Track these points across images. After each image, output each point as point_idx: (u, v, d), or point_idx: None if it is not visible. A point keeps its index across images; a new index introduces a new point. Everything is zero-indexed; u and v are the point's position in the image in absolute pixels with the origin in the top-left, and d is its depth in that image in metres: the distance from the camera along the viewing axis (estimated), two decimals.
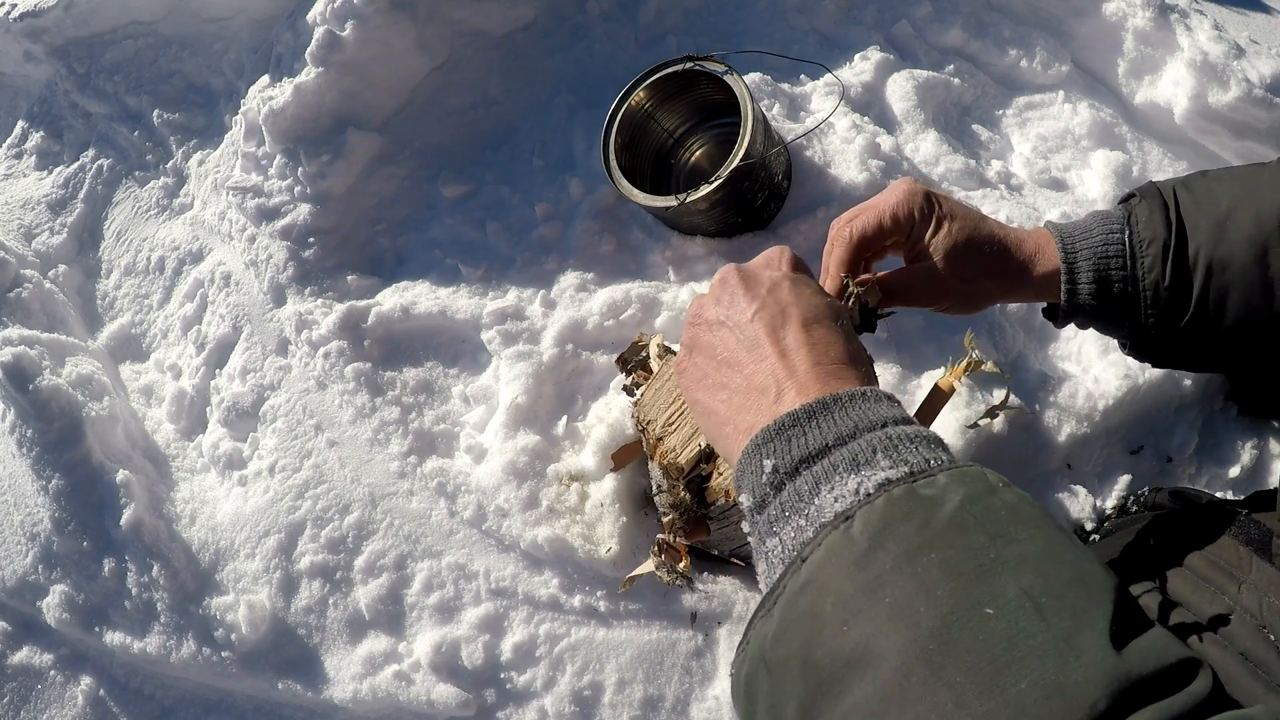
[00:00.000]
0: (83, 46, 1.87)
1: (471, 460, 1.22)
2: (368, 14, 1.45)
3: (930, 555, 0.38)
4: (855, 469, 0.44)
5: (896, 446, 0.44)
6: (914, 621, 0.36)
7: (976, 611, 0.36)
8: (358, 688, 1.13)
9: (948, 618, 0.36)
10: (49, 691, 1.28)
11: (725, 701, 1.05)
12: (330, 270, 1.43)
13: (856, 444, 0.45)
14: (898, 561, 0.38)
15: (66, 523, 1.25)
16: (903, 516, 0.40)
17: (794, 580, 0.42)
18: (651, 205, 1.22)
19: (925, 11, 1.53)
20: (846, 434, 0.46)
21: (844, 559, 0.40)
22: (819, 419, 0.47)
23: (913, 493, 0.41)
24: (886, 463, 0.44)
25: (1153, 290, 0.73)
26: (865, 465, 0.44)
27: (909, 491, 0.41)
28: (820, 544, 0.41)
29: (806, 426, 0.47)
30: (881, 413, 0.47)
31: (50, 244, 1.74)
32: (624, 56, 1.57)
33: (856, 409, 0.47)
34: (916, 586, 0.37)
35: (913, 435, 0.46)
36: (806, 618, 0.40)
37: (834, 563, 0.40)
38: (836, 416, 0.47)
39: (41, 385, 1.28)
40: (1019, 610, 0.36)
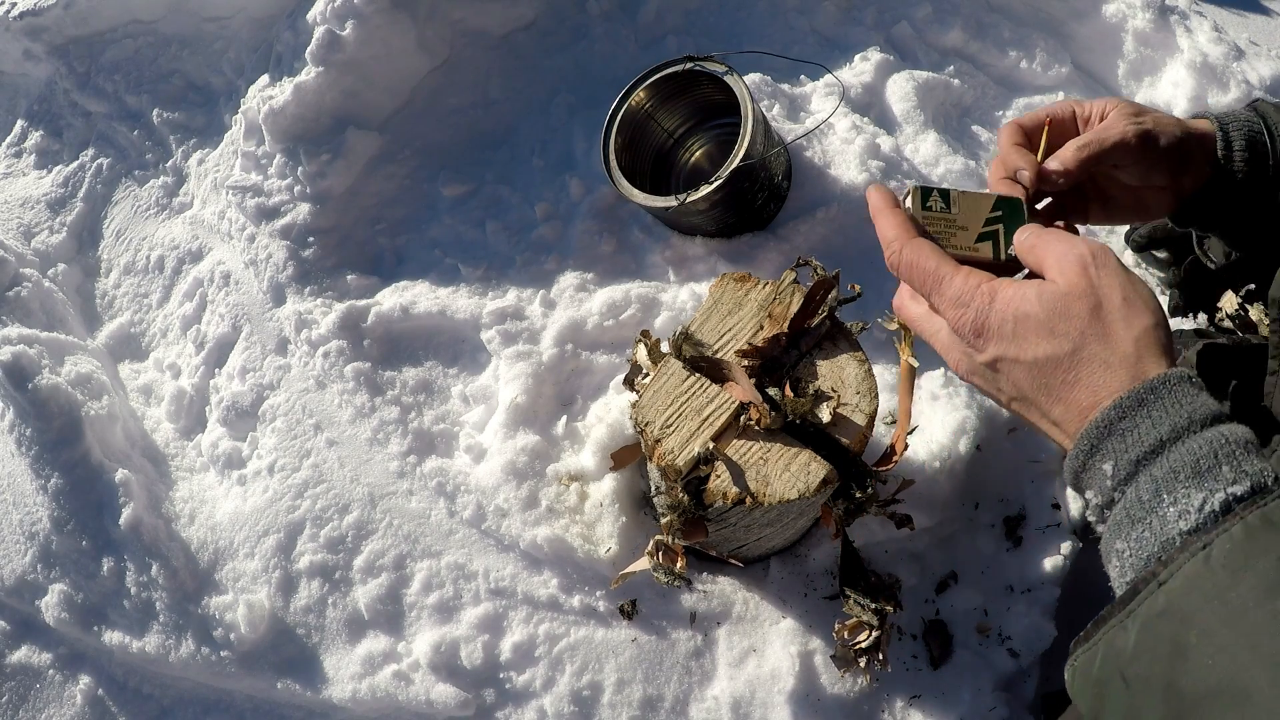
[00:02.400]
0: (82, 45, 1.87)
1: (471, 460, 1.22)
2: (368, 13, 1.45)
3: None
4: (1199, 479, 0.43)
5: (1234, 454, 0.44)
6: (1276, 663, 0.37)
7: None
8: (357, 687, 1.13)
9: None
10: (48, 691, 1.28)
11: (724, 701, 1.05)
12: (330, 270, 1.43)
13: (1194, 444, 0.44)
14: (1260, 598, 0.39)
15: (65, 522, 1.25)
16: (1261, 550, 0.40)
17: (1151, 603, 0.42)
18: (651, 205, 1.22)
19: (925, 12, 1.53)
20: (1181, 426, 0.45)
21: (1205, 591, 0.41)
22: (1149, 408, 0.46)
23: (1268, 521, 0.41)
24: (1230, 474, 0.43)
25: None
26: (1208, 475, 0.43)
27: (1265, 521, 0.41)
28: (1178, 571, 0.42)
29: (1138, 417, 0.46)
30: (1208, 404, 0.46)
31: (50, 243, 1.74)
32: (624, 56, 1.57)
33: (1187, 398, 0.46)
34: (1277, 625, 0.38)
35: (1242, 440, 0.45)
36: (1169, 644, 0.41)
37: (1195, 594, 0.41)
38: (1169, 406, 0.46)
39: (41, 384, 1.28)
40: None
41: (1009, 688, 1.07)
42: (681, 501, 0.82)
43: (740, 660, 1.07)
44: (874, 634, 0.92)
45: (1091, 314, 0.51)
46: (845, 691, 1.04)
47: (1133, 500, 0.45)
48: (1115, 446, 0.47)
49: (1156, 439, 0.46)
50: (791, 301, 0.88)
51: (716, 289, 0.92)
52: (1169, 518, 0.43)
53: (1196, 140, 0.75)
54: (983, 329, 0.53)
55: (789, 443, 0.82)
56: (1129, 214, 0.79)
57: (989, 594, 1.10)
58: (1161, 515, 0.44)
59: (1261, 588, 0.39)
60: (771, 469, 0.81)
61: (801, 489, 0.79)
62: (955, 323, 0.55)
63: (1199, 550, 0.41)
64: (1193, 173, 0.76)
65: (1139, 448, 0.46)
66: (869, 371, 0.85)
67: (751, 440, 0.83)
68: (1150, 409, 0.47)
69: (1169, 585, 0.42)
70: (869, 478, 0.83)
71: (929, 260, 0.56)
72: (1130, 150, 0.71)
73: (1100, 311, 0.51)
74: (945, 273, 0.56)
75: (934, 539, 1.13)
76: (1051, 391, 0.51)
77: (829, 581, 1.11)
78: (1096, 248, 0.53)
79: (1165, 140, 0.72)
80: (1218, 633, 0.39)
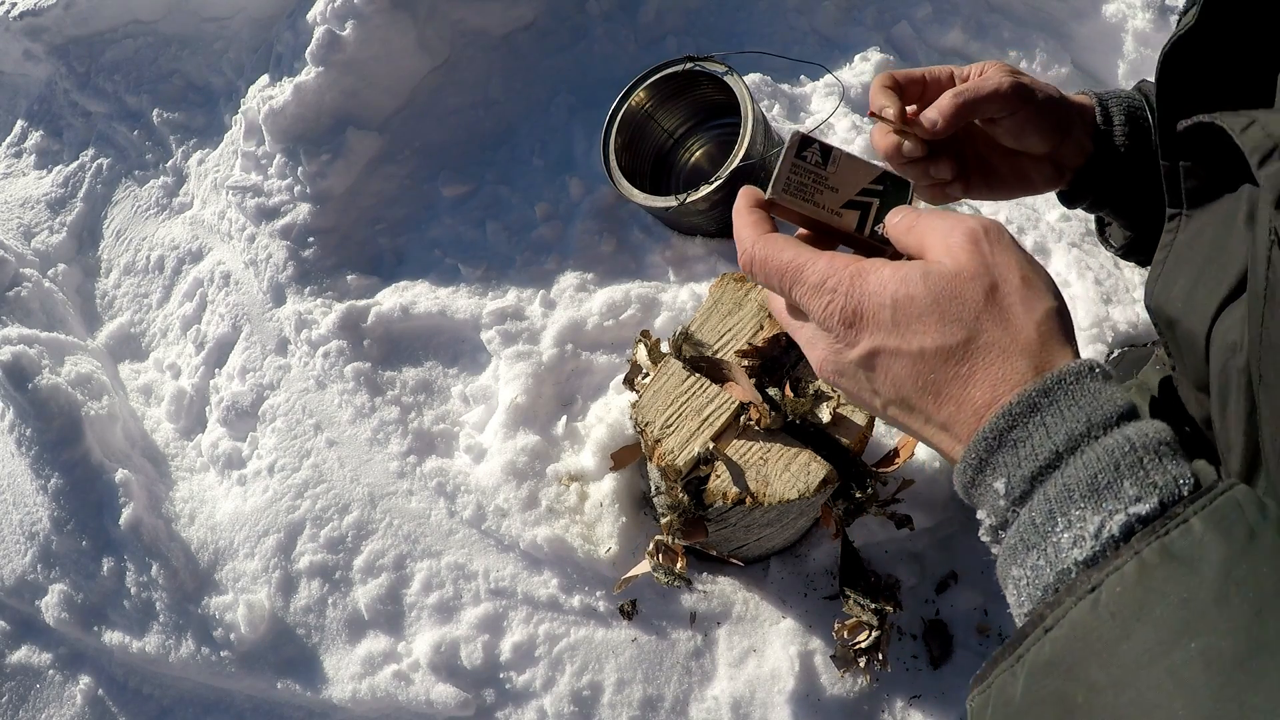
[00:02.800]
0: (83, 45, 1.87)
1: (471, 460, 1.22)
2: (368, 13, 1.45)
3: (1189, 645, 0.33)
4: (1096, 499, 0.37)
5: (1140, 463, 0.37)
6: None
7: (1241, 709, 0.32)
8: (357, 687, 1.13)
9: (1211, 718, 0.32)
10: (48, 691, 1.28)
11: (724, 701, 1.05)
12: (330, 270, 1.43)
13: (1093, 454, 0.38)
14: (1153, 654, 0.34)
15: (65, 522, 1.25)
16: (1158, 591, 0.35)
17: (1038, 651, 0.37)
18: (651, 205, 1.22)
19: (925, 12, 1.53)
20: (1079, 434, 0.38)
21: (1093, 643, 0.35)
22: (1043, 413, 0.39)
23: (1167, 553, 0.35)
24: (1133, 490, 0.37)
25: None
26: (1107, 493, 0.37)
27: (1162, 553, 0.35)
28: (1065, 617, 0.36)
29: (1030, 425, 0.39)
30: (1113, 401, 0.39)
31: (50, 243, 1.74)
32: (624, 56, 1.58)
33: (1086, 397, 0.39)
34: (1175, 684, 0.33)
35: (1155, 439, 0.38)
36: (1055, 702, 0.36)
37: (1081, 646, 0.36)
38: (1065, 410, 0.39)
39: (41, 384, 1.28)
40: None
41: None
42: (681, 501, 0.82)
43: (740, 660, 1.07)
44: (874, 634, 0.92)
45: (987, 296, 0.43)
46: (845, 691, 1.04)
47: (1026, 523, 0.39)
48: (1007, 460, 0.40)
49: (1051, 451, 0.39)
50: None
51: (716, 289, 0.92)
52: (1063, 545, 0.37)
53: (1076, 109, 0.72)
54: (855, 316, 0.44)
55: (789, 443, 0.82)
56: (1011, 186, 0.76)
57: (989, 594, 1.10)
58: (1055, 543, 0.38)
59: (1156, 642, 0.34)
60: (771, 469, 0.81)
61: (801, 489, 0.79)
62: (822, 313, 0.45)
63: (1086, 593, 0.36)
64: (1073, 143, 0.73)
65: (1032, 462, 0.39)
66: None
67: (751, 440, 0.83)
68: (1044, 414, 0.39)
69: (1054, 634, 0.36)
70: (869, 478, 0.83)
71: (784, 251, 0.47)
72: (1006, 100, 0.68)
73: (997, 293, 0.43)
74: (804, 259, 0.46)
75: (934, 539, 1.13)
76: (940, 390, 0.43)
77: (829, 581, 1.11)
78: (988, 223, 0.45)
79: (1041, 96, 0.70)
80: (1105, 694, 0.34)
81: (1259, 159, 0.41)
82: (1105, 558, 0.36)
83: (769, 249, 0.48)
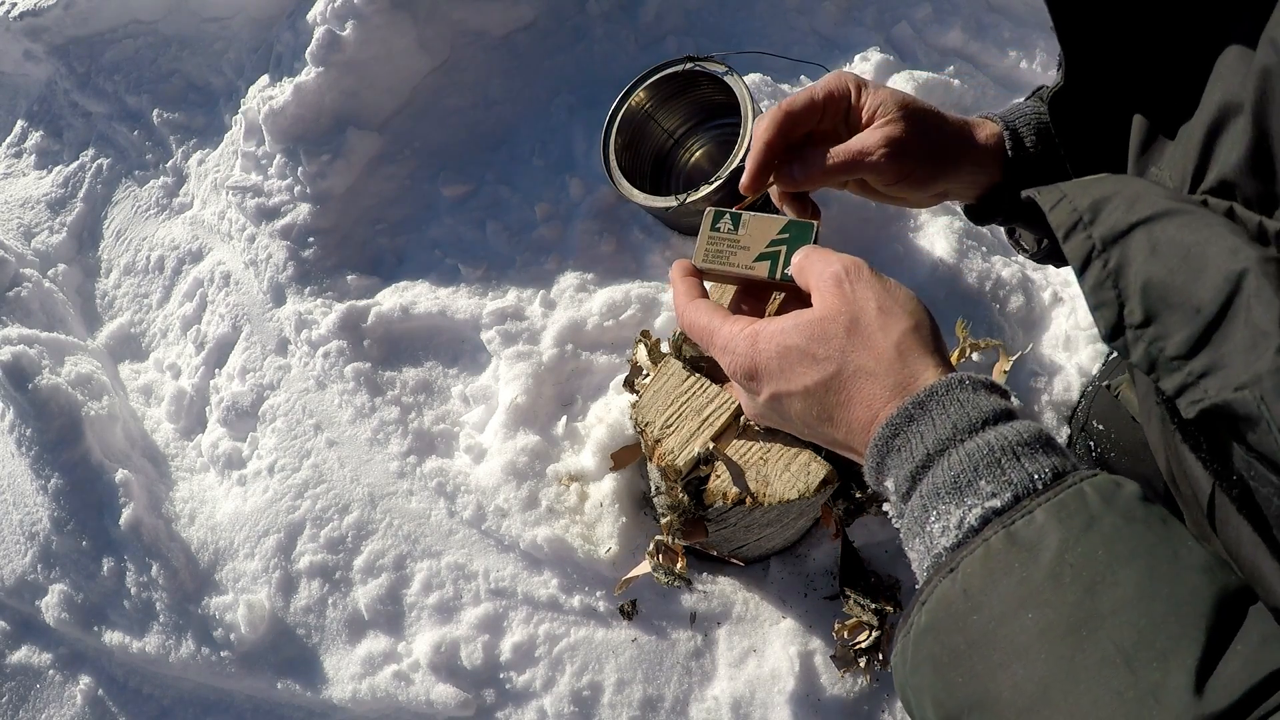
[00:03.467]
0: (83, 46, 1.87)
1: (471, 460, 1.22)
2: (368, 14, 1.45)
3: (1026, 615, 0.39)
4: (958, 495, 0.44)
5: (999, 461, 0.44)
6: (1014, 684, 0.39)
7: (1070, 674, 0.37)
8: (357, 687, 1.13)
9: (1044, 680, 0.38)
10: (48, 691, 1.28)
11: (724, 701, 1.05)
12: (330, 270, 1.43)
13: (957, 456, 0.44)
14: (997, 622, 0.40)
15: (65, 522, 1.25)
16: (1002, 570, 0.41)
17: (918, 619, 0.43)
18: (651, 205, 1.22)
19: (925, 13, 1.53)
20: (946, 438, 0.45)
21: (952, 613, 0.42)
22: (918, 422, 0.46)
23: (1011, 540, 0.41)
24: (988, 487, 0.43)
25: None
26: (968, 490, 0.43)
27: (1007, 540, 0.41)
28: (933, 593, 0.43)
29: (909, 432, 0.46)
30: (980, 408, 0.46)
31: (50, 243, 1.74)
32: (624, 57, 1.58)
33: (955, 405, 0.46)
34: (1014, 650, 0.39)
35: (1014, 441, 0.44)
36: (929, 662, 0.42)
37: (944, 615, 0.42)
38: (936, 418, 0.46)
39: (41, 384, 1.28)
40: (1110, 668, 0.37)
41: None
42: (681, 501, 0.82)
43: (740, 660, 1.08)
44: (874, 634, 0.92)
45: (848, 331, 0.51)
46: (845, 691, 1.04)
47: (910, 515, 0.46)
48: (893, 463, 0.47)
49: (924, 454, 0.46)
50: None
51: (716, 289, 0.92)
52: (934, 533, 0.44)
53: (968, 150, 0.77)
54: (753, 371, 0.53)
55: (789, 443, 0.82)
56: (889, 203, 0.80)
57: None
58: (929, 531, 0.44)
59: (999, 613, 0.40)
60: (771, 469, 0.81)
61: (801, 489, 0.79)
62: (730, 369, 0.55)
63: (948, 573, 0.42)
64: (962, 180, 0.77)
65: (909, 464, 0.46)
66: None
67: (751, 440, 0.83)
68: (919, 423, 0.46)
69: (926, 606, 0.43)
70: None
71: (701, 316, 0.58)
72: (879, 170, 0.71)
73: (857, 326, 0.51)
74: (715, 325, 0.56)
75: None
76: (831, 415, 0.51)
77: (829, 581, 1.11)
78: (849, 263, 0.53)
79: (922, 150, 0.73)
80: (964, 655, 0.41)
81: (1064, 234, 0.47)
82: (965, 544, 0.43)
83: (691, 314, 0.59)
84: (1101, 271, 0.44)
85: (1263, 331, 0.37)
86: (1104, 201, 0.47)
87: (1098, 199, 0.47)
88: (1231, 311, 0.39)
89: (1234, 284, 0.39)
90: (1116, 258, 0.44)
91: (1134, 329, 0.42)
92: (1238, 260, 0.40)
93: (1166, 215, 0.44)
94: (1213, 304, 0.40)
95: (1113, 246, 0.44)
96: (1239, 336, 0.39)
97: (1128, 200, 0.46)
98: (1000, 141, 0.78)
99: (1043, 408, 1.16)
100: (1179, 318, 0.41)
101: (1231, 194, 0.46)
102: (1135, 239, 0.44)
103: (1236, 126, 0.45)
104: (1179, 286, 0.41)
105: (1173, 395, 0.41)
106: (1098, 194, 0.47)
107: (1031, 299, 1.27)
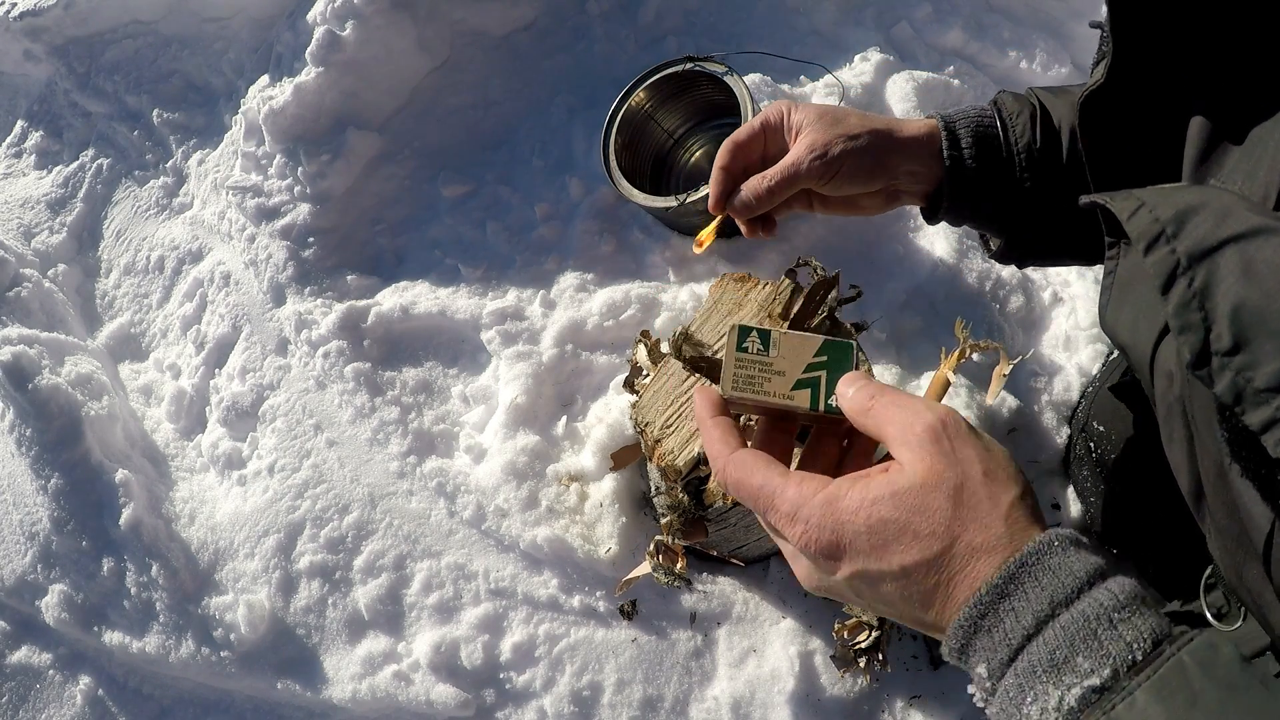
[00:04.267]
0: (82, 46, 1.87)
1: (471, 460, 1.22)
2: (368, 14, 1.45)
3: None
4: (1055, 674, 0.40)
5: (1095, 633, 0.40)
6: None
7: None
8: (357, 688, 1.13)
9: None
10: (48, 691, 1.28)
11: (724, 702, 1.05)
12: (330, 270, 1.43)
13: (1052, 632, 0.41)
14: None
15: (65, 522, 1.25)
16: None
17: None
18: (651, 206, 1.22)
19: (925, 13, 1.53)
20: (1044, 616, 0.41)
21: None
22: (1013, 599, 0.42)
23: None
24: (1086, 664, 0.40)
25: (1025, 152, 0.77)
26: (1065, 668, 0.40)
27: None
28: None
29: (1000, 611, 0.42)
30: (1075, 571, 0.42)
31: (50, 243, 1.74)
32: (624, 57, 1.58)
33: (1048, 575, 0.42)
34: None
35: (1110, 607, 0.41)
36: None
37: None
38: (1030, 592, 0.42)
39: (41, 384, 1.28)
40: None
41: None
42: (681, 501, 0.82)
43: (740, 660, 1.08)
44: (874, 634, 0.92)
45: (953, 502, 0.44)
46: (845, 692, 1.04)
47: (1003, 696, 0.42)
48: (984, 645, 0.43)
49: (1022, 635, 0.41)
50: (792, 302, 0.88)
51: (716, 289, 0.92)
52: (1032, 715, 0.41)
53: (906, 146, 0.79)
54: (833, 549, 0.45)
55: None
56: (846, 212, 0.84)
57: None
58: (1026, 714, 0.41)
59: None
60: None
61: None
62: (799, 542, 0.47)
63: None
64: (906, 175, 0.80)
65: (1006, 649, 0.42)
66: (869, 371, 0.86)
67: None
68: (1013, 599, 0.42)
69: None
70: None
71: (754, 476, 0.49)
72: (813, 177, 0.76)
73: (963, 494, 0.44)
74: (774, 487, 0.48)
75: None
76: (928, 599, 0.45)
77: None
78: (946, 416, 0.46)
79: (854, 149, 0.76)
80: None
81: (1145, 245, 0.43)
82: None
83: (740, 473, 0.49)
84: (1186, 291, 0.41)
85: None
86: (1190, 212, 0.43)
87: (1183, 209, 0.43)
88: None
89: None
90: (1204, 276, 0.41)
91: (1221, 356, 0.39)
92: None
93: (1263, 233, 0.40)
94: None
95: (1199, 264, 0.41)
96: None
97: (1217, 214, 0.42)
98: (936, 137, 0.79)
99: (1043, 408, 1.16)
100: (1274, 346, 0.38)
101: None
102: (1226, 257, 0.40)
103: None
104: (1276, 311, 0.38)
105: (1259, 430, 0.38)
106: (1182, 203, 0.44)
107: (1031, 299, 1.27)
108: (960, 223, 0.85)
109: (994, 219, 0.83)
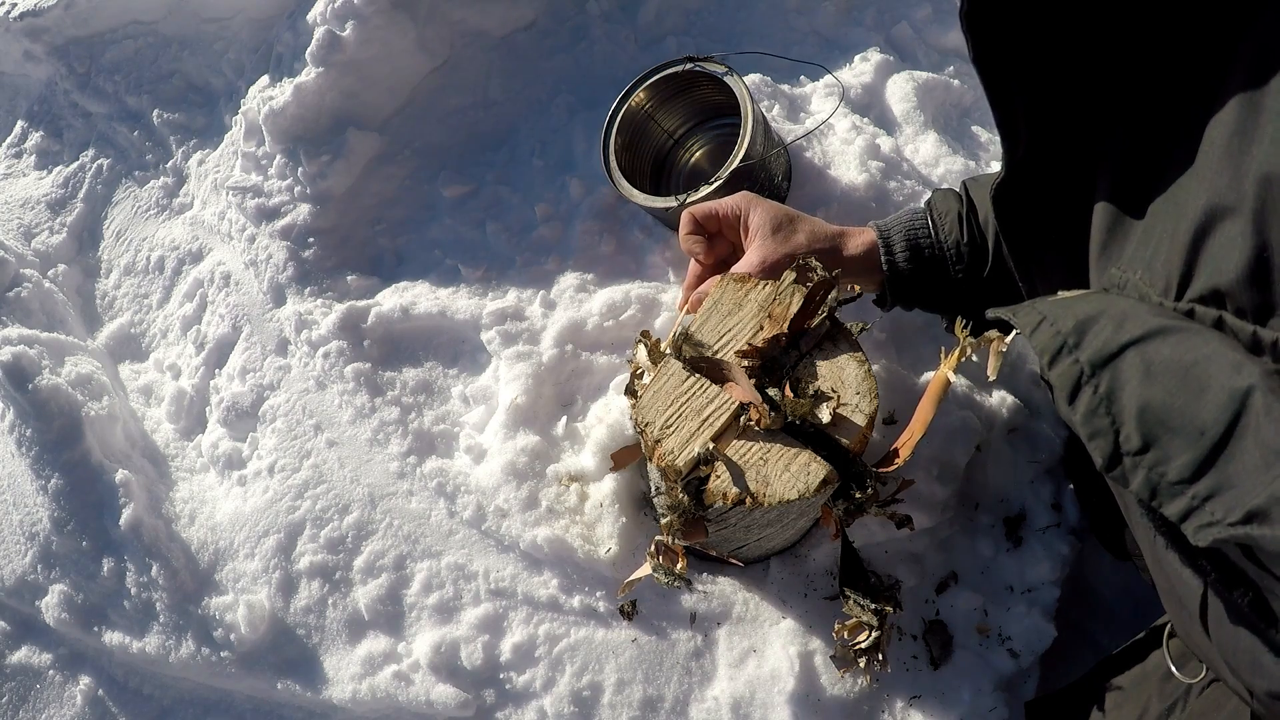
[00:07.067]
0: (83, 46, 1.87)
1: (471, 460, 1.22)
2: (368, 14, 1.45)
3: None
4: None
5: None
6: None
7: None
8: (357, 688, 1.13)
9: None
10: (48, 691, 1.28)
11: (724, 702, 1.05)
12: (330, 270, 1.43)
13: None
14: None
15: (65, 522, 1.25)
16: None
17: None
18: (651, 206, 1.22)
19: (925, 13, 1.53)
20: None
21: None
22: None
23: None
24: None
25: (955, 249, 0.90)
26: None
27: None
28: None
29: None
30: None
31: (50, 243, 1.74)
32: (624, 57, 1.58)
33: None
34: None
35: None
36: None
37: None
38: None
39: (41, 385, 1.28)
40: None
41: (1009, 688, 1.07)
42: (681, 502, 0.82)
43: (740, 661, 1.08)
44: (874, 634, 0.92)
45: None
46: (845, 692, 1.04)
47: None
48: None
49: None
50: (791, 302, 0.88)
51: (716, 289, 0.92)
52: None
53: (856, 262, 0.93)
54: None
55: (789, 443, 0.82)
56: None
57: (989, 595, 1.10)
58: None
59: None
60: (771, 469, 0.81)
61: (801, 489, 0.79)
62: None
63: None
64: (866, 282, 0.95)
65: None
66: (869, 372, 0.86)
67: (751, 441, 0.83)
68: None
69: None
70: (869, 478, 0.83)
71: None
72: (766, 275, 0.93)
73: None
74: None
75: (934, 540, 1.13)
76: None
77: (829, 582, 1.11)
78: None
79: None
80: None
81: (1049, 359, 0.45)
82: None
83: None
84: (1093, 398, 0.42)
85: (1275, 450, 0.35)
86: (1089, 322, 0.44)
87: (1082, 319, 0.45)
88: (1239, 430, 0.37)
89: (1240, 402, 0.37)
90: (1108, 382, 0.42)
91: (1132, 455, 0.40)
92: (1242, 377, 0.37)
93: (1160, 334, 0.41)
94: (1218, 424, 0.37)
95: (1102, 370, 0.42)
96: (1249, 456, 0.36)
97: (1115, 320, 0.43)
98: (875, 251, 0.92)
99: (1043, 408, 1.16)
100: (1181, 441, 0.39)
101: (1222, 303, 0.43)
102: (1127, 361, 0.42)
103: (1228, 232, 0.42)
104: (1179, 408, 0.39)
105: (1177, 520, 0.39)
106: (1081, 314, 0.45)
107: None
108: (910, 309, 0.99)
109: (935, 307, 0.98)
